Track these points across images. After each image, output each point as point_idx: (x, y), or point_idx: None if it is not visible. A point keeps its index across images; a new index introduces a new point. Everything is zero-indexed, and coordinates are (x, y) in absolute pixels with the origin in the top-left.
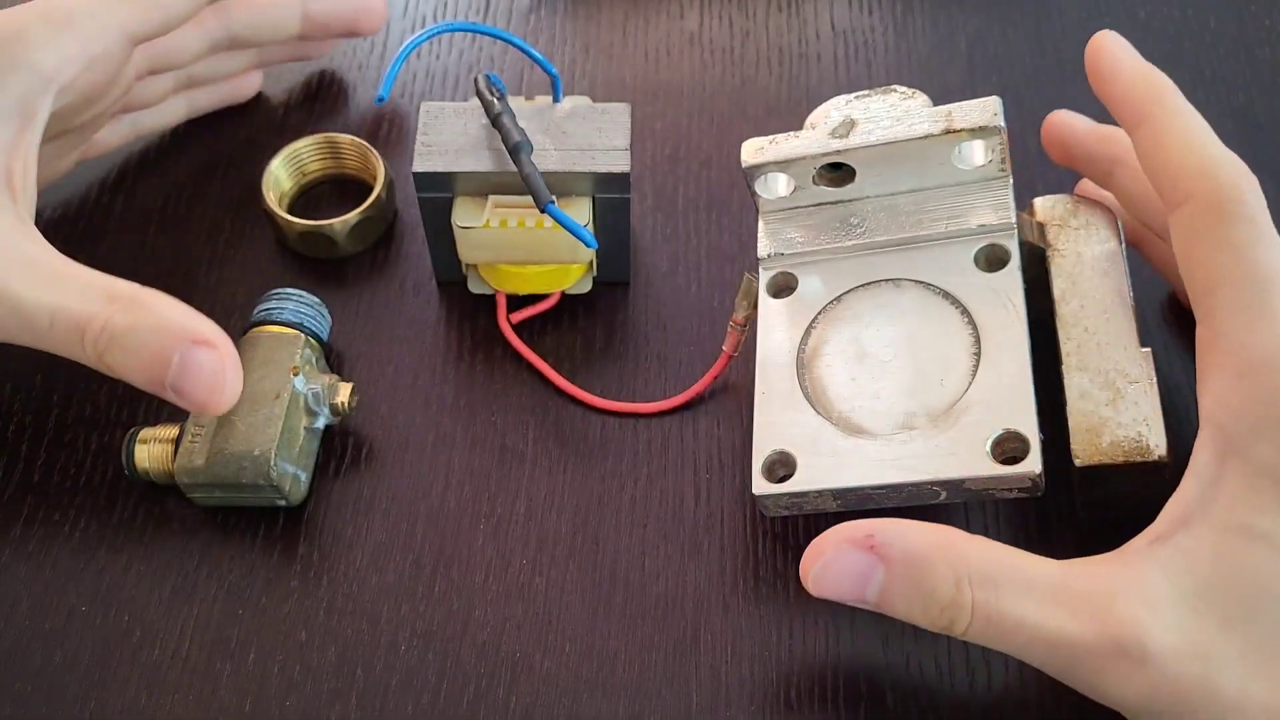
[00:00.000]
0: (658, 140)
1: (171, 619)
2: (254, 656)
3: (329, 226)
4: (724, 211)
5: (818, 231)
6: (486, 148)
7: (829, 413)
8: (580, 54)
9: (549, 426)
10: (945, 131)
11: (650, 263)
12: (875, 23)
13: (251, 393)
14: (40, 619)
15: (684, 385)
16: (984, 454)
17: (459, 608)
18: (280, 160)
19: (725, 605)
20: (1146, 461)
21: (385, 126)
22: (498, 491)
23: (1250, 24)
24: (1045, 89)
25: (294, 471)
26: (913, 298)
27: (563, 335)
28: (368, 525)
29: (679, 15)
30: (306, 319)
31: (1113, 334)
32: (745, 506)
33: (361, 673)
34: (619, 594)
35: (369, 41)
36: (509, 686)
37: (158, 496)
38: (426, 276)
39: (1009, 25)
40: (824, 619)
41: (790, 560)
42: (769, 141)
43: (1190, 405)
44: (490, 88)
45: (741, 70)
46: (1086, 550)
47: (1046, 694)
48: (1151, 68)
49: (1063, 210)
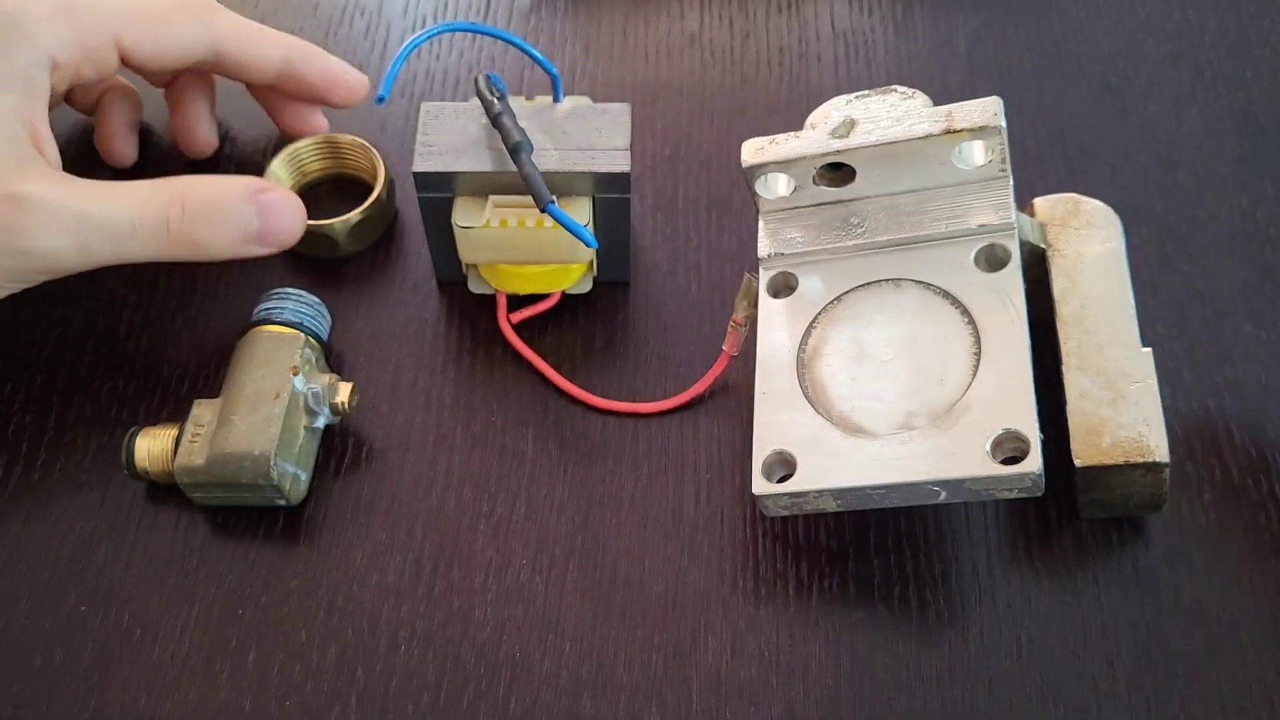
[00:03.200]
0: (658, 140)
1: (171, 619)
2: (254, 656)
3: (330, 226)
4: (724, 211)
5: (818, 231)
6: (487, 148)
7: (829, 413)
8: (580, 54)
9: (549, 426)
10: (945, 132)
11: (650, 263)
12: (875, 23)
13: (251, 392)
14: (40, 619)
15: (684, 385)
16: (984, 454)
17: (459, 608)
18: (280, 160)
19: (725, 605)
20: (1147, 462)
21: (386, 126)
22: (498, 491)
23: (1250, 24)
24: (1045, 89)
25: (294, 471)
26: (913, 298)
27: (563, 335)
28: (368, 525)
29: (679, 15)
30: (306, 319)
31: (1113, 334)
32: (745, 506)
33: (361, 673)
34: (619, 594)
35: (369, 41)
36: (509, 686)
37: (158, 496)
38: (427, 276)
39: (1009, 25)
40: (824, 619)
41: (790, 560)
42: (769, 141)
43: (1190, 405)
44: (490, 88)
45: (742, 70)
46: (1086, 550)
47: (1048, 694)
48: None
49: (1063, 210)
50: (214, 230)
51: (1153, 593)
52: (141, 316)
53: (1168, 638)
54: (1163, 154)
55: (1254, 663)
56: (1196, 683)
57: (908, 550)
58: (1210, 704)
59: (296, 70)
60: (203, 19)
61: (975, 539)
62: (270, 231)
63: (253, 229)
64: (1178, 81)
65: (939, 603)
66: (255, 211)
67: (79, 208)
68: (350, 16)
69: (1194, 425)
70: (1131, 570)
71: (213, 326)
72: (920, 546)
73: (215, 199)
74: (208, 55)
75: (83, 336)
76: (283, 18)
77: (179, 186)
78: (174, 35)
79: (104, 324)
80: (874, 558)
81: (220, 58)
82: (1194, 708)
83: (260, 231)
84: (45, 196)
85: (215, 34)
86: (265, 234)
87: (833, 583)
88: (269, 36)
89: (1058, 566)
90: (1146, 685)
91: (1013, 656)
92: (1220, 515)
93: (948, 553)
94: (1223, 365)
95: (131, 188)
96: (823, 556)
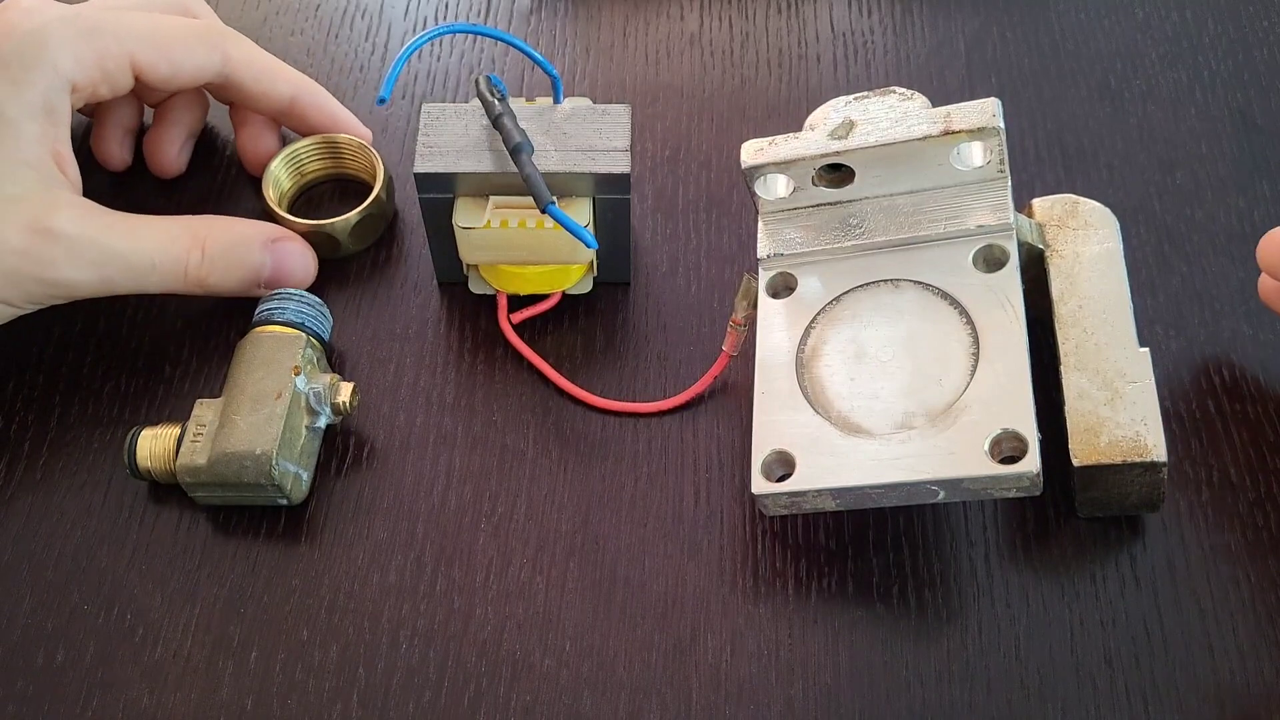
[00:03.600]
0: (658, 141)
1: (174, 618)
2: (256, 655)
3: (331, 226)
4: (724, 212)
5: (817, 232)
6: (487, 149)
7: (828, 412)
8: (581, 55)
9: (549, 426)
10: (944, 133)
11: (650, 263)
12: (874, 24)
13: (253, 392)
14: (43, 618)
15: (684, 385)
16: (982, 453)
17: (460, 607)
18: (280, 160)
19: (725, 605)
20: (1144, 461)
21: (387, 127)
22: (498, 491)
23: (1249, 25)
24: (1043, 90)
25: (295, 471)
26: (911, 298)
27: (563, 335)
28: (369, 524)
29: (679, 17)
30: (308, 319)
31: (1111, 334)
32: (745, 506)
33: (363, 671)
34: (619, 593)
35: (370, 43)
36: (509, 685)
37: (160, 496)
38: (427, 276)
39: (1007, 27)
40: (823, 618)
41: (790, 559)
42: (768, 143)
43: (1188, 405)
44: (491, 89)
45: (741, 71)
46: (1084, 549)
47: (1045, 692)
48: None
49: (1061, 211)
50: (228, 275)
51: (1150, 592)
52: (144, 316)
53: (1165, 636)
54: (1161, 155)
55: (1251, 662)
56: (1194, 682)
57: (906, 549)
58: (1208, 703)
59: (301, 110)
60: (217, 46)
61: (974, 538)
62: (281, 278)
63: (264, 275)
64: (1176, 82)
65: (938, 601)
66: (271, 264)
67: (107, 244)
68: (351, 18)
69: (1192, 425)
70: (1129, 569)
71: (214, 326)
72: (919, 545)
73: (234, 246)
74: (218, 79)
75: (85, 335)
76: (284, 20)
77: (201, 230)
78: (187, 60)
79: (106, 323)
80: (873, 556)
81: (228, 85)
82: (1191, 706)
83: (271, 278)
84: (75, 233)
85: (228, 62)
86: (275, 280)
87: (832, 581)
88: (280, 73)
89: (1056, 565)
90: (1144, 684)
91: (1011, 655)
92: (1217, 515)
93: (946, 551)
94: (1220, 365)
95: (156, 227)
96: (822, 555)
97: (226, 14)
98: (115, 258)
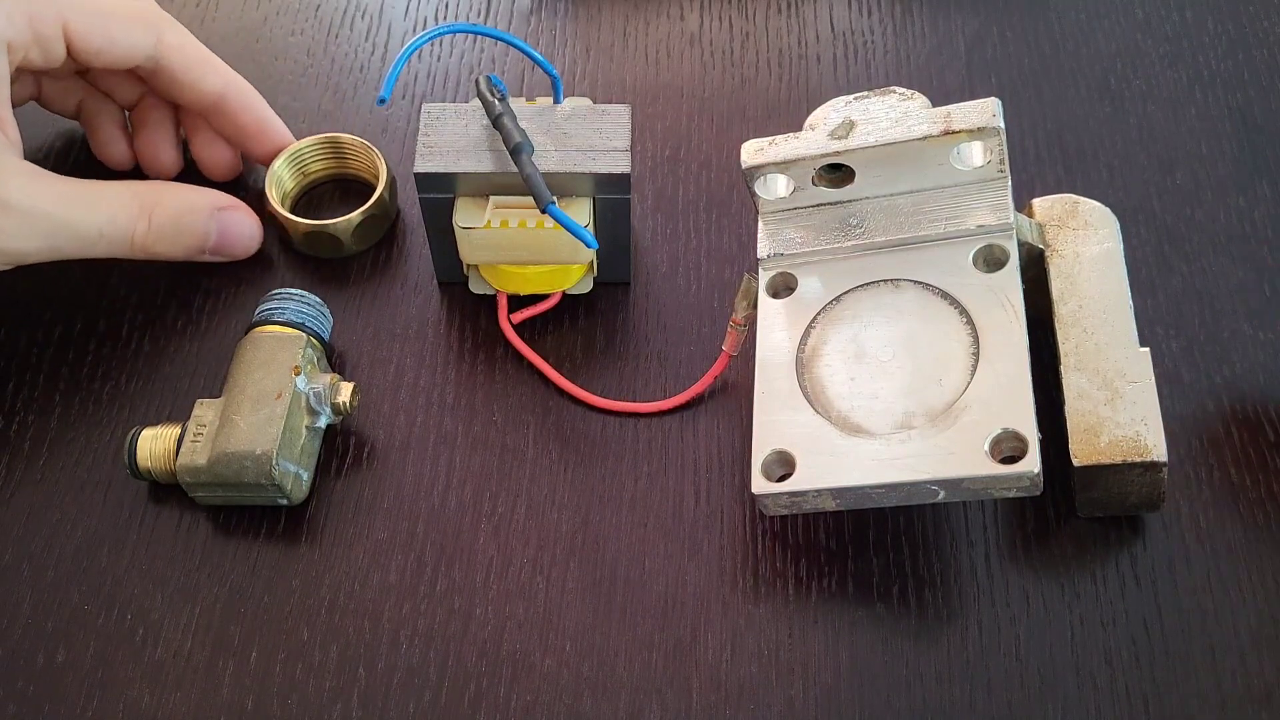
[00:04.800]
0: (658, 141)
1: (174, 618)
2: (256, 655)
3: (334, 226)
4: (724, 212)
5: (817, 232)
6: (488, 149)
7: (828, 412)
8: (581, 55)
9: (549, 426)
10: (944, 133)
11: (650, 263)
12: (874, 24)
13: (253, 392)
14: (43, 618)
15: (684, 385)
16: (982, 453)
17: (460, 606)
18: (283, 160)
19: (725, 604)
20: (1145, 461)
21: (387, 128)
22: (499, 491)
23: (1249, 25)
24: (1043, 90)
25: (296, 471)
26: (911, 298)
27: (563, 335)
28: (369, 524)
29: (679, 17)
30: (308, 319)
31: (1111, 334)
32: (745, 506)
33: (363, 671)
34: (619, 593)
35: (370, 43)
36: (510, 685)
37: (160, 496)
38: (428, 276)
39: (1007, 27)
40: (823, 618)
41: (789, 559)
42: (769, 143)
43: (1188, 405)
44: (491, 89)
45: (741, 71)
46: (1084, 549)
47: (1046, 692)
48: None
49: (1061, 211)
50: (175, 244)
51: (1150, 591)
52: (144, 316)
53: (1166, 636)
54: (1161, 155)
55: (1252, 661)
56: (1194, 681)
57: (906, 549)
58: (1208, 703)
59: (230, 107)
60: (153, 27)
61: (974, 538)
62: (225, 246)
63: (209, 242)
64: (1176, 82)
65: (938, 601)
66: (216, 231)
67: (57, 215)
68: (351, 18)
69: (1192, 425)
70: (1129, 569)
71: (215, 326)
72: (919, 545)
73: (180, 215)
74: (148, 63)
75: (85, 336)
76: (284, 20)
77: (149, 199)
78: (120, 35)
79: (106, 324)
80: (873, 556)
81: (159, 70)
82: (1192, 706)
83: (216, 245)
84: (26, 205)
85: (162, 44)
86: (220, 248)
87: (832, 581)
88: (213, 65)
89: (1056, 565)
90: (1144, 684)
91: (1011, 655)
92: (1218, 514)
93: (946, 551)
94: (1220, 365)
95: (105, 194)
96: (822, 555)
97: (226, 14)
98: (64, 227)
